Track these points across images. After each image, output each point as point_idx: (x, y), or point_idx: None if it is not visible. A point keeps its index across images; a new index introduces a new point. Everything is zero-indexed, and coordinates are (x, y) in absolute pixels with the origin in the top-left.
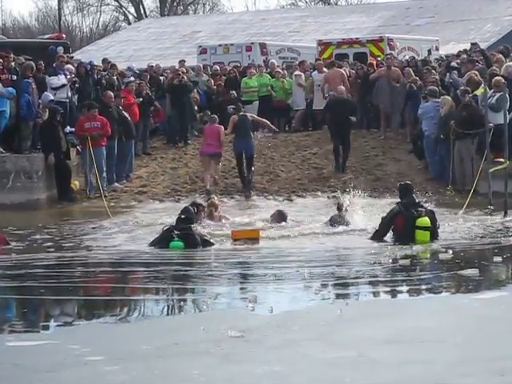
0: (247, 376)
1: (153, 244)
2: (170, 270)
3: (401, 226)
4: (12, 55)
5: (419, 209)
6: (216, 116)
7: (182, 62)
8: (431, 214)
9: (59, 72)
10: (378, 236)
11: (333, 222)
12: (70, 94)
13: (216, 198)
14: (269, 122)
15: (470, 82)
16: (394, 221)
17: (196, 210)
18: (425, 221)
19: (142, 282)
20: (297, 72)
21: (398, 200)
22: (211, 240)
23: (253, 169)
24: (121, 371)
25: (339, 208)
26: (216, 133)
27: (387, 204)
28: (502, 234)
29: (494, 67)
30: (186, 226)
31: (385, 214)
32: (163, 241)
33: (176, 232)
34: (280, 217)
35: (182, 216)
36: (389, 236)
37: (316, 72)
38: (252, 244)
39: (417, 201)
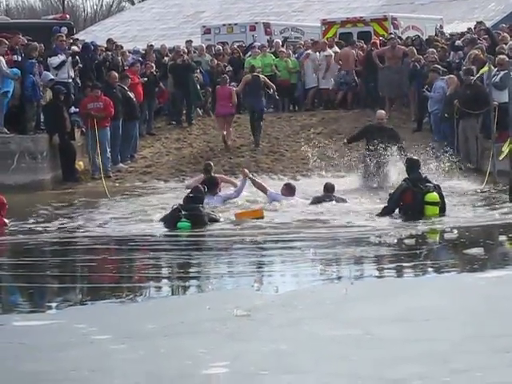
0: (253, 354)
1: (162, 220)
2: (176, 251)
3: (409, 201)
4: (21, 36)
5: (427, 184)
6: (227, 76)
7: (188, 41)
8: (439, 189)
9: (59, 52)
10: (386, 212)
11: (318, 203)
12: (72, 74)
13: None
14: (275, 87)
15: (475, 59)
16: (403, 197)
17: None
18: (434, 196)
19: (148, 262)
20: (309, 51)
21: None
22: (217, 217)
23: (261, 124)
24: (127, 350)
25: (328, 188)
26: (228, 94)
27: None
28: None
29: (501, 46)
30: (195, 206)
31: (393, 190)
32: (170, 220)
33: (183, 212)
34: (289, 190)
35: (191, 195)
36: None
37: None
38: (256, 223)
39: (423, 176)
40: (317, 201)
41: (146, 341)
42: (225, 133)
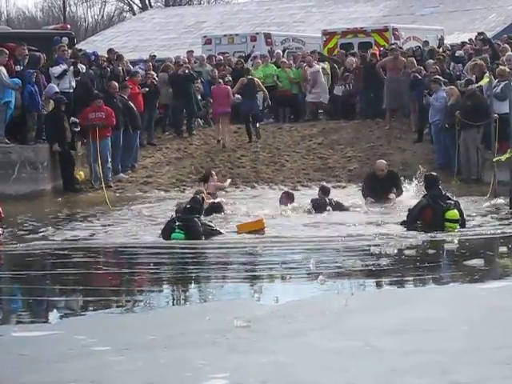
0: (253, 365)
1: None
2: (176, 262)
3: (429, 219)
4: (26, 47)
5: (447, 201)
6: (221, 79)
7: (190, 52)
8: (458, 206)
9: (61, 62)
10: (406, 228)
11: (316, 205)
12: (73, 84)
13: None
14: (267, 93)
15: (474, 68)
16: (422, 214)
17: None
18: (454, 213)
19: (148, 273)
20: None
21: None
22: (218, 229)
23: (257, 125)
24: (127, 361)
25: (324, 191)
26: (225, 93)
27: None
28: (507, 223)
29: (501, 57)
30: (189, 217)
31: (412, 207)
32: (166, 232)
33: (177, 223)
34: (287, 198)
35: (188, 206)
36: None
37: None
38: (257, 234)
39: (443, 192)
40: (315, 204)
41: (145, 352)
42: (220, 138)
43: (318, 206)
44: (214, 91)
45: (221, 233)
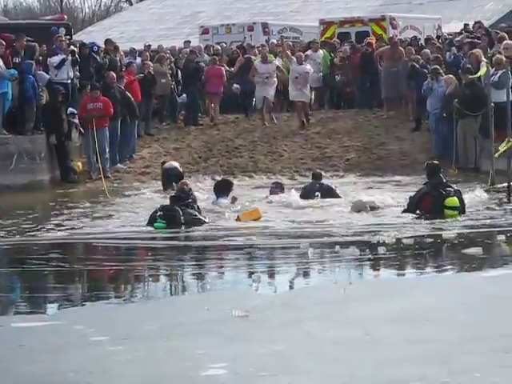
0: (252, 355)
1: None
2: (173, 251)
3: (428, 206)
4: (25, 38)
5: (447, 188)
6: (216, 57)
7: (186, 42)
8: (459, 194)
9: (59, 52)
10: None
11: (304, 191)
12: (71, 75)
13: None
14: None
15: (471, 57)
16: (422, 201)
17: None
18: (454, 200)
19: (145, 262)
20: (308, 52)
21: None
22: (203, 218)
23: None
24: (125, 351)
25: (314, 176)
26: (218, 73)
27: None
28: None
29: (498, 46)
30: (171, 207)
31: (413, 194)
32: (150, 222)
33: (159, 213)
34: (278, 187)
35: (173, 195)
36: None
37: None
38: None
39: (444, 180)
40: (302, 191)
41: (144, 342)
42: (211, 114)
43: (306, 192)
44: (208, 71)
45: (205, 222)
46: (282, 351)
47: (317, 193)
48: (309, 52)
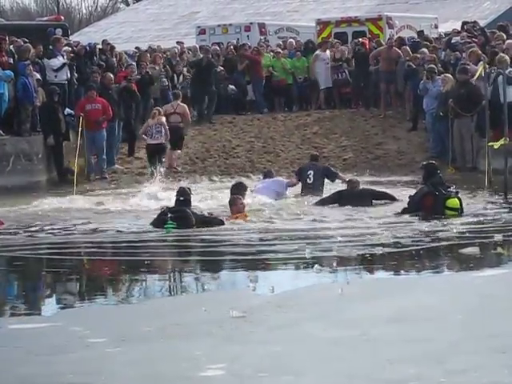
0: (249, 356)
1: (152, 224)
2: (171, 251)
3: (429, 206)
4: (7, 38)
5: (448, 189)
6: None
7: (179, 43)
8: (458, 195)
9: (57, 53)
10: (406, 213)
11: (298, 172)
12: (69, 76)
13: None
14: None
15: (471, 56)
16: (423, 200)
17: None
18: (455, 202)
19: (143, 263)
20: (318, 52)
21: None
22: (217, 218)
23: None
24: (123, 353)
25: (313, 157)
26: None
27: None
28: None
29: (494, 45)
30: (181, 208)
31: (413, 193)
32: (158, 223)
33: (169, 215)
34: (268, 173)
35: (181, 198)
36: None
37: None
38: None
39: (443, 181)
40: (297, 171)
41: (141, 343)
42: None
43: (299, 172)
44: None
45: (221, 221)
46: (279, 352)
47: (309, 171)
48: (318, 52)
